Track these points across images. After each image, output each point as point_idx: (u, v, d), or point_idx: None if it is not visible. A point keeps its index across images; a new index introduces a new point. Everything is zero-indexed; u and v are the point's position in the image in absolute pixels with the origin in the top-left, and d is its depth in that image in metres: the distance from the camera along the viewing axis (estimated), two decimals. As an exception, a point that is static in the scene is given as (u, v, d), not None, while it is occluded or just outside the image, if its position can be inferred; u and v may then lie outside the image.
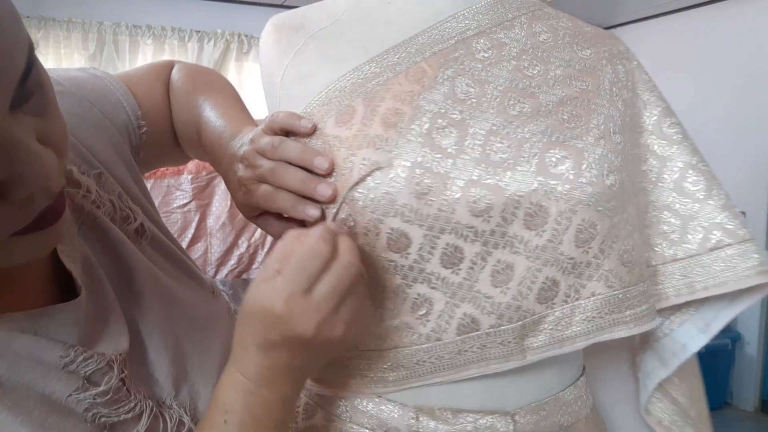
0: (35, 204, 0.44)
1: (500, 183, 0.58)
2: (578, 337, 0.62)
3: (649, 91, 0.72)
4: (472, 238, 0.59)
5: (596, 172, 0.59)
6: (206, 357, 0.65)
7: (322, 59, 0.67)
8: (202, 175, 3.20)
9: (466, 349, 0.62)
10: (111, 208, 0.63)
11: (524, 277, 0.60)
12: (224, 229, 3.25)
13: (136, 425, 0.53)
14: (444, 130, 0.60)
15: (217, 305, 0.72)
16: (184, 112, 0.79)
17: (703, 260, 0.69)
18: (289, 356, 0.54)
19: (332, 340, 0.54)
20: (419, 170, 0.58)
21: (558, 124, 0.61)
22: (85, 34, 4.11)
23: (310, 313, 0.52)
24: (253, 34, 4.49)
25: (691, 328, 0.71)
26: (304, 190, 0.62)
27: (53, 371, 0.49)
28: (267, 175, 0.63)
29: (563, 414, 0.66)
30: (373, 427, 0.65)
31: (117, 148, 0.69)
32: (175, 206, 3.18)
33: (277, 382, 0.55)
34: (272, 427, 0.55)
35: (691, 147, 0.71)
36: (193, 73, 0.81)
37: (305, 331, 0.52)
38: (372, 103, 0.62)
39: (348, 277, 0.54)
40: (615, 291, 0.61)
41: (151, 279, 0.63)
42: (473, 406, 0.64)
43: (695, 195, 0.70)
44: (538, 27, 0.68)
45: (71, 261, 0.55)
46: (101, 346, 0.54)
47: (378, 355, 0.64)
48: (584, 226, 0.59)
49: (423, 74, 0.63)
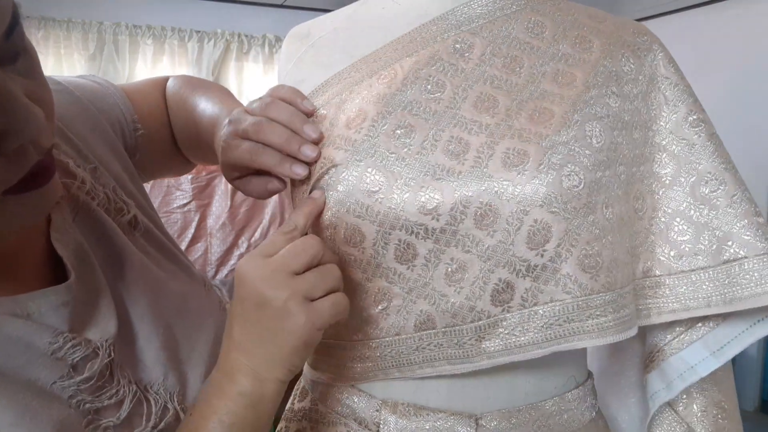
0: (27, 157, 0.45)
1: (451, 183, 0.58)
2: (533, 344, 0.59)
3: (673, 87, 0.67)
4: (423, 236, 0.59)
5: (554, 172, 0.57)
6: (196, 345, 0.66)
7: (314, 66, 0.70)
8: (202, 175, 3.21)
9: (423, 347, 0.62)
10: (105, 200, 0.64)
11: (477, 277, 0.59)
12: (224, 229, 3.25)
13: (118, 410, 0.54)
14: (403, 131, 0.61)
15: (209, 298, 0.73)
16: (181, 112, 0.82)
17: (714, 274, 0.63)
18: (240, 325, 0.55)
19: (294, 315, 0.54)
20: (371, 169, 0.60)
21: (526, 123, 0.59)
22: (85, 34, 4.11)
23: (287, 284, 0.54)
24: (253, 34, 4.47)
25: (702, 350, 0.65)
26: (287, 148, 0.61)
27: (41, 358, 0.50)
28: (249, 130, 0.62)
29: (540, 426, 0.64)
30: (346, 415, 0.68)
31: (112, 146, 0.71)
32: (175, 206, 3.19)
33: (236, 373, 0.55)
34: (227, 423, 0.54)
35: (714, 148, 0.65)
36: (187, 78, 0.86)
37: (273, 295, 0.53)
38: (343, 105, 0.64)
39: (332, 278, 0.57)
40: (575, 298, 0.58)
41: (142, 268, 0.64)
42: (438, 405, 0.64)
43: (713, 201, 0.64)
44: (537, 20, 0.67)
45: (63, 247, 0.56)
46: (91, 330, 0.55)
47: (351, 346, 0.67)
48: (537, 228, 0.57)
49: (394, 76, 0.64)
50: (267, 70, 4.54)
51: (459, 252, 0.59)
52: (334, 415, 0.69)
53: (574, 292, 0.58)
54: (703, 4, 3.88)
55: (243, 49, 4.49)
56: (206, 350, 0.66)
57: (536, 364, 0.62)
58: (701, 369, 0.65)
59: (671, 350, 0.67)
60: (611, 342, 0.59)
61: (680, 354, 0.66)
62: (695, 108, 0.67)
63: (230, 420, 0.54)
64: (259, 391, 0.55)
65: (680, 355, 0.66)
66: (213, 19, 4.42)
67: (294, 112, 0.63)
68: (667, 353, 0.67)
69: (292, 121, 0.62)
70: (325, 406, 0.70)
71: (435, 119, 0.61)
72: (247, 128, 0.62)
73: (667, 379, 0.67)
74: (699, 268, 0.64)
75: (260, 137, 0.61)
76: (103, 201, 0.64)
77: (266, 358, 0.55)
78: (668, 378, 0.67)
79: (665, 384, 0.67)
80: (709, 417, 0.68)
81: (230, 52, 4.47)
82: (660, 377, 0.68)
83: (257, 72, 4.49)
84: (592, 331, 0.58)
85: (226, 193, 3.27)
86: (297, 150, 0.61)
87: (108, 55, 4.17)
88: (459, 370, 0.62)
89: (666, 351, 0.67)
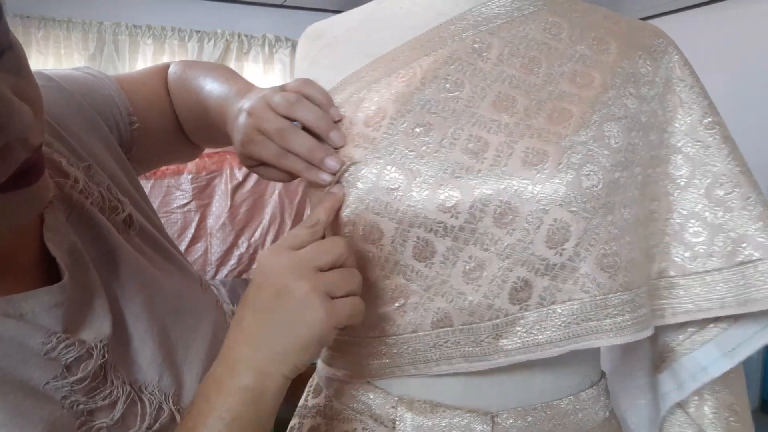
0: (14, 155, 0.45)
1: (470, 181, 0.58)
2: (551, 343, 0.60)
3: (688, 89, 0.67)
4: (442, 233, 0.59)
5: (574, 172, 0.57)
6: (192, 345, 0.65)
7: (328, 65, 0.71)
8: (202, 175, 3.22)
9: (440, 344, 0.63)
10: (99, 199, 0.63)
11: (495, 275, 0.59)
12: (224, 229, 3.25)
13: (112, 411, 0.54)
14: (422, 129, 0.61)
15: (205, 297, 0.72)
16: (185, 96, 0.80)
17: (728, 275, 0.63)
18: (251, 315, 0.54)
19: (315, 308, 0.53)
20: (390, 167, 0.60)
21: (544, 123, 0.60)
22: (85, 34, 4.09)
23: (309, 277, 0.54)
24: (253, 34, 4.46)
25: (715, 351, 0.65)
26: (311, 158, 0.61)
27: (34, 358, 0.50)
28: (274, 135, 0.61)
29: (556, 425, 0.64)
30: (361, 411, 0.68)
31: (106, 142, 0.70)
32: (175, 206, 3.19)
33: (237, 366, 0.53)
34: (228, 420, 0.52)
35: (729, 150, 0.66)
36: (189, 62, 0.84)
37: (294, 285, 0.53)
38: (361, 104, 0.65)
39: (354, 281, 0.57)
40: (593, 297, 0.58)
41: (137, 268, 0.63)
42: (454, 402, 0.64)
43: (727, 203, 0.64)
44: (554, 21, 0.67)
45: (57, 247, 0.56)
46: (85, 331, 0.55)
47: (367, 342, 0.67)
48: (556, 227, 0.57)
49: (413, 75, 0.64)
50: (267, 70, 4.54)
51: (477, 250, 0.59)
52: (349, 411, 0.69)
53: (592, 291, 0.58)
54: (703, 4, 3.89)
55: (243, 49, 4.48)
56: (203, 350, 0.65)
57: (552, 363, 0.63)
58: (713, 370, 0.65)
59: (683, 351, 0.67)
60: (628, 341, 0.59)
61: (692, 355, 0.66)
62: (710, 111, 0.67)
63: (230, 416, 0.51)
64: (260, 386, 0.52)
65: (692, 355, 0.66)
66: (213, 19, 4.40)
67: (321, 116, 0.62)
68: (678, 354, 0.68)
69: (319, 125, 0.62)
70: (339, 402, 0.70)
71: (454, 118, 0.61)
72: (271, 131, 0.61)
73: (678, 380, 0.68)
74: (713, 269, 0.64)
75: (284, 144, 0.61)
76: (97, 200, 0.63)
77: (275, 350, 0.53)
78: (680, 379, 0.67)
79: (677, 384, 0.68)
80: (721, 419, 0.68)
81: (230, 52, 4.45)
82: (671, 378, 0.68)
83: (257, 72, 4.49)
84: (610, 330, 0.59)
85: (226, 193, 3.27)
86: (320, 161, 0.61)
87: (108, 55, 4.16)
88: (476, 367, 0.62)
89: (678, 351, 0.68)
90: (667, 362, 0.68)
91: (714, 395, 0.69)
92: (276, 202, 3.35)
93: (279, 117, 0.62)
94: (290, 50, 4.50)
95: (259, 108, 0.63)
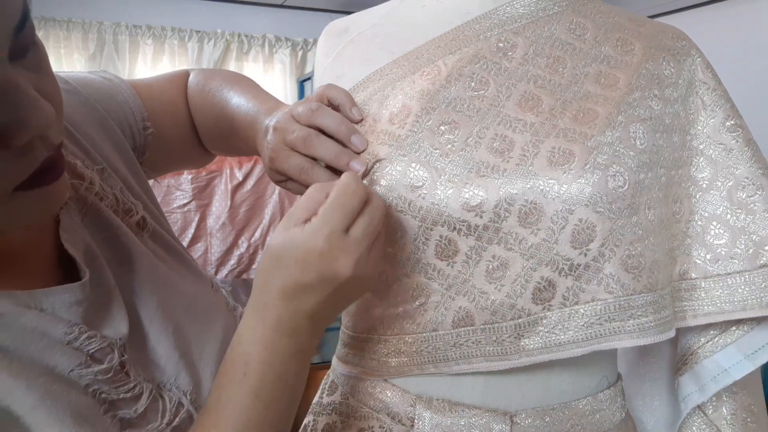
0: (35, 152, 0.45)
1: (495, 180, 0.58)
2: (573, 343, 0.59)
3: (711, 92, 0.68)
4: (466, 232, 0.59)
5: (600, 172, 0.57)
6: (206, 344, 0.66)
7: (353, 61, 0.71)
8: (202, 175, 3.20)
9: (461, 343, 0.62)
10: (114, 201, 0.64)
11: (519, 275, 0.59)
12: (224, 229, 3.25)
13: (135, 404, 0.54)
14: (447, 127, 0.61)
15: (216, 298, 0.72)
16: (207, 107, 0.80)
17: (750, 277, 0.63)
18: (315, 299, 0.54)
19: (364, 279, 0.54)
20: (414, 164, 0.60)
21: (570, 123, 0.60)
22: (85, 34, 4.08)
23: (349, 251, 0.53)
24: (253, 34, 4.46)
25: (737, 353, 0.65)
26: (336, 162, 0.62)
27: (57, 345, 0.51)
28: (298, 143, 0.62)
29: (574, 425, 0.64)
30: (378, 409, 0.67)
31: (119, 147, 0.71)
32: (175, 206, 3.18)
33: (297, 331, 0.55)
34: (291, 376, 0.55)
35: (752, 153, 0.66)
36: (210, 72, 0.85)
37: (344, 269, 0.52)
38: (385, 101, 0.65)
39: (379, 218, 0.56)
40: (617, 298, 0.58)
41: (151, 269, 0.64)
42: (473, 402, 0.64)
43: (749, 206, 0.64)
44: (578, 21, 0.67)
45: (74, 247, 0.56)
46: (102, 331, 0.55)
47: (385, 340, 0.67)
48: (581, 227, 0.57)
49: (438, 73, 0.64)
50: (267, 70, 4.54)
51: (501, 249, 0.59)
52: (365, 409, 0.68)
53: (616, 291, 0.58)
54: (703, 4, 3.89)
55: (243, 49, 4.48)
56: (216, 350, 0.66)
57: (571, 364, 0.63)
58: (735, 372, 0.65)
59: (705, 353, 0.67)
60: (651, 342, 0.59)
61: (714, 357, 0.66)
62: (732, 113, 0.67)
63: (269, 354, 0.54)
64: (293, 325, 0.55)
65: (714, 358, 0.66)
66: (213, 19, 4.40)
67: (341, 121, 0.63)
68: (700, 356, 0.67)
69: (340, 130, 0.63)
70: (356, 400, 0.70)
71: (479, 116, 0.61)
72: (296, 141, 0.62)
73: (700, 382, 0.67)
74: (735, 271, 0.64)
75: (309, 151, 0.62)
76: (111, 202, 0.63)
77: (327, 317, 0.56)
78: (701, 381, 0.67)
79: (698, 387, 0.67)
80: (739, 420, 0.68)
81: (230, 52, 4.45)
82: (693, 380, 0.68)
83: (257, 72, 4.48)
84: (633, 331, 0.59)
85: (226, 193, 3.26)
86: (345, 165, 0.62)
87: (108, 55, 4.15)
88: (496, 367, 0.62)
89: (699, 354, 0.67)
90: (689, 365, 0.68)
91: (732, 396, 0.69)
92: (276, 202, 3.34)
93: (303, 126, 0.63)
94: (290, 50, 4.50)
95: (284, 121, 0.65)
